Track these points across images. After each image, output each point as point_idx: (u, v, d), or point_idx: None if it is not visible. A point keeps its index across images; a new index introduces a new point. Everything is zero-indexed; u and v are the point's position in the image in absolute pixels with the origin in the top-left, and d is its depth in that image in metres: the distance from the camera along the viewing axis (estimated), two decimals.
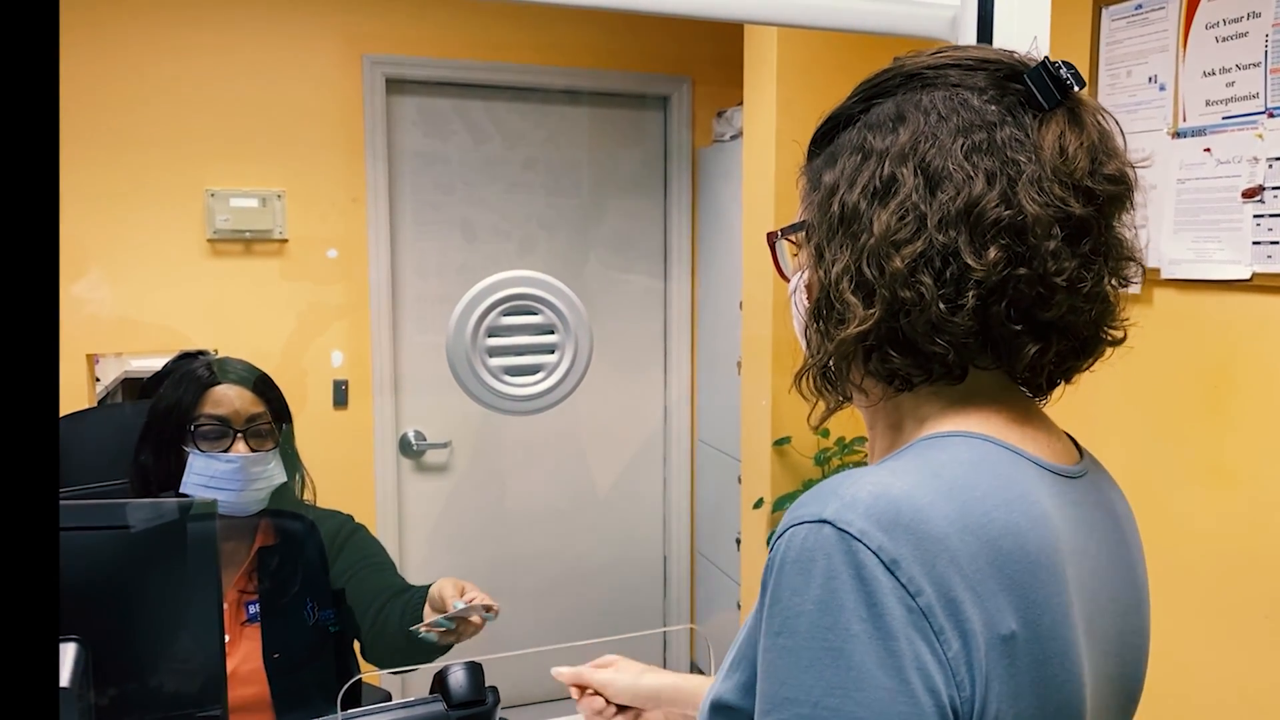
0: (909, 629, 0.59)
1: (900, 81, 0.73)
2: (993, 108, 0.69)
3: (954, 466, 0.66)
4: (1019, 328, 0.68)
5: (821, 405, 0.78)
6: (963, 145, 0.68)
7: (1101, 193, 0.69)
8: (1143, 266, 0.75)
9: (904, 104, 0.72)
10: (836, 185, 0.73)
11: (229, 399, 1.55)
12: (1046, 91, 0.69)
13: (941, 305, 0.67)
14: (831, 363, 0.73)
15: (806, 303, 0.77)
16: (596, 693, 1.15)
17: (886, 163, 0.70)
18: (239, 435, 1.54)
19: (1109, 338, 0.74)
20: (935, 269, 0.67)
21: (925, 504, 0.62)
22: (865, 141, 0.72)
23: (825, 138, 0.78)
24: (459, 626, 1.50)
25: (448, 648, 1.57)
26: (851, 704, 0.58)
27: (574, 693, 1.17)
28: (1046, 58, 0.71)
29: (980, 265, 0.66)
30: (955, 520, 0.62)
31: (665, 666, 3.66)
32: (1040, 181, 0.67)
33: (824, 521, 0.61)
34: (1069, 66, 0.70)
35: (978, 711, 0.60)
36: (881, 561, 0.59)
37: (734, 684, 0.69)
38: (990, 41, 1.06)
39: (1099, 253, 0.70)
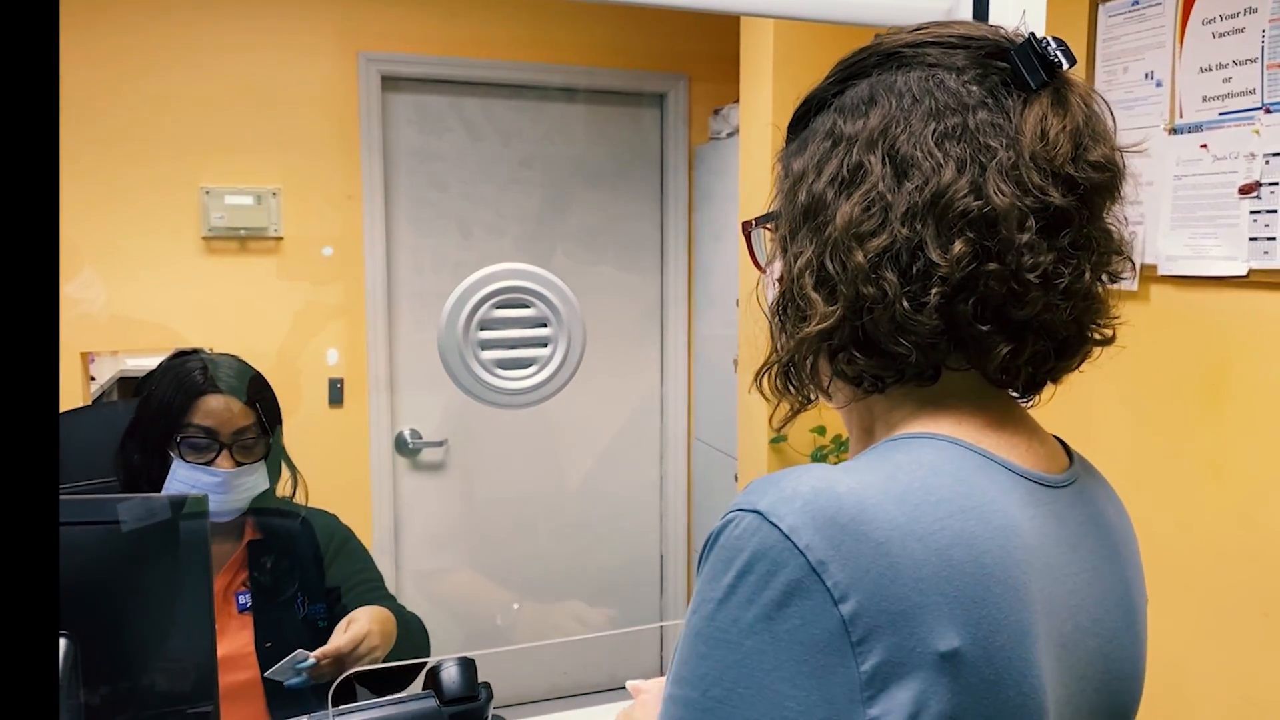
0: (816, 634, 0.55)
1: (877, 61, 0.69)
2: (973, 89, 0.65)
3: (913, 469, 0.61)
4: (987, 327, 0.63)
5: (784, 406, 0.74)
6: (934, 130, 0.64)
7: (1084, 181, 0.64)
8: (1133, 261, 0.71)
9: (877, 86, 0.67)
10: (804, 173, 0.69)
11: (219, 410, 1.53)
12: (1033, 70, 0.64)
13: (905, 303, 0.63)
14: (794, 361, 0.69)
15: (775, 295, 0.72)
16: None
17: (855, 150, 0.66)
18: (225, 449, 1.53)
19: (1096, 337, 0.70)
20: (900, 264, 0.63)
21: (871, 505, 0.57)
22: (835, 126, 0.68)
23: (800, 121, 0.74)
24: (321, 666, 1.49)
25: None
26: (734, 698, 0.56)
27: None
28: (1033, 34, 0.66)
29: (944, 260, 0.62)
30: (902, 525, 0.57)
31: (662, 664, 3.66)
32: (1016, 169, 0.62)
33: (757, 513, 0.58)
34: (1059, 42, 0.65)
35: None
36: (808, 561, 0.56)
37: None
38: None
39: (1080, 246, 0.65)
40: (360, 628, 1.52)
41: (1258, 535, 1.83)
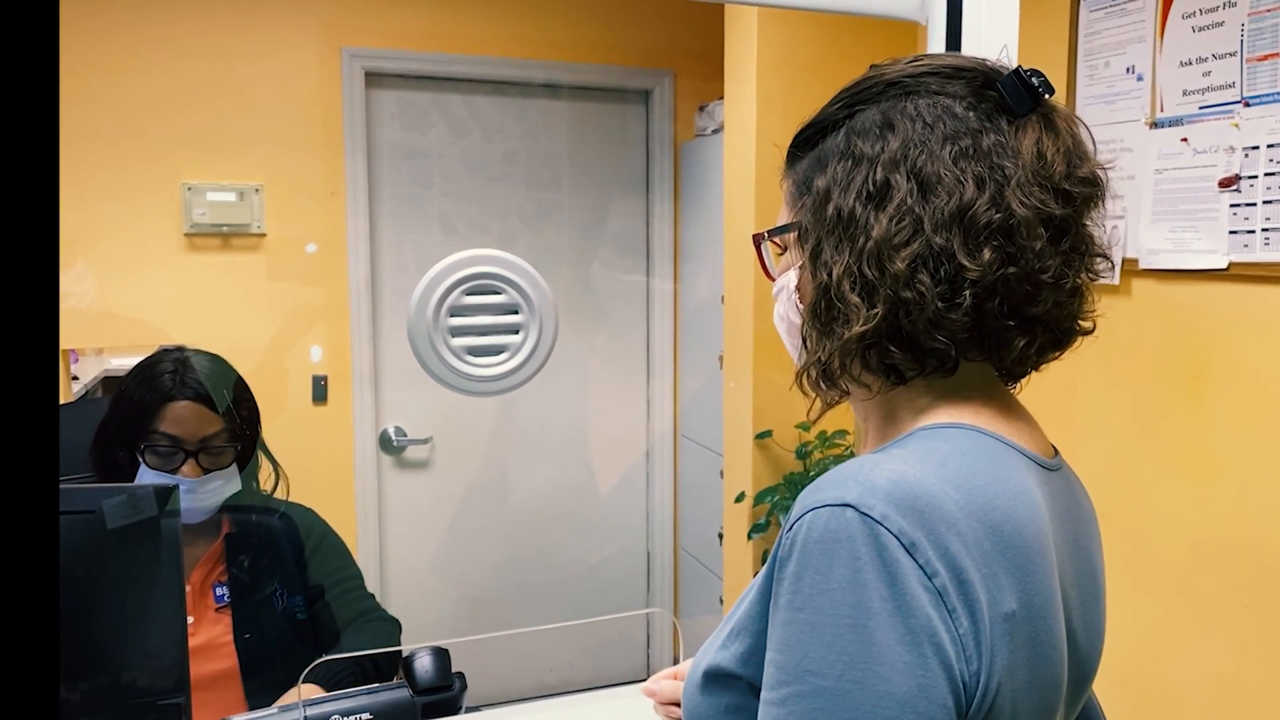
0: (926, 607, 0.62)
1: (881, 89, 0.76)
2: (972, 114, 0.73)
3: (957, 457, 0.70)
4: (1011, 323, 0.72)
5: (819, 402, 0.81)
6: (951, 151, 0.72)
7: (1077, 194, 0.73)
8: (1111, 260, 0.79)
9: (890, 112, 0.75)
10: (829, 190, 0.76)
11: (186, 417, 1.51)
12: (1019, 98, 0.73)
13: (940, 304, 0.71)
14: (835, 360, 0.76)
15: (800, 304, 0.80)
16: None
17: (878, 168, 0.73)
18: (191, 456, 1.52)
19: (1081, 329, 0.79)
20: (931, 269, 0.71)
21: (937, 491, 0.65)
22: (853, 147, 0.75)
23: (808, 142, 0.80)
24: None
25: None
26: (873, 677, 0.61)
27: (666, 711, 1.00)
28: (1019, 66, 0.75)
29: (975, 265, 0.70)
30: (964, 506, 0.65)
31: (649, 662, 3.66)
32: (1024, 185, 0.71)
33: (847, 505, 0.63)
34: (1039, 74, 0.74)
35: (982, 683, 0.63)
36: (902, 544, 0.62)
37: (734, 654, 0.71)
38: (959, 19, 1.06)
39: (1075, 250, 0.74)
40: None
41: (1238, 527, 1.83)
